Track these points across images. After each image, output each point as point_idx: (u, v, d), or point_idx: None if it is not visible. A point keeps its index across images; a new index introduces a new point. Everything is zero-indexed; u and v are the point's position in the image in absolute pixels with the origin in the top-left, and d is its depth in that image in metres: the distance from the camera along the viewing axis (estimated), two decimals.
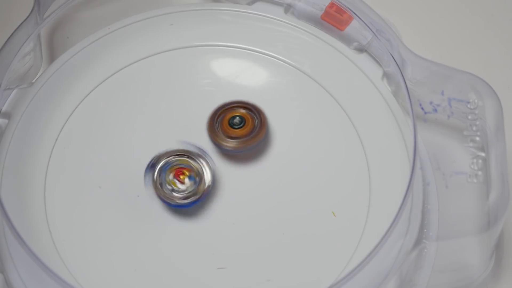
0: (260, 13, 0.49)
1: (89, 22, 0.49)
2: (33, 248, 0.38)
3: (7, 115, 0.45)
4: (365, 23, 0.45)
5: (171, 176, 0.43)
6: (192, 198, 0.43)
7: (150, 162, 0.43)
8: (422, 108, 0.45)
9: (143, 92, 0.46)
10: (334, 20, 0.48)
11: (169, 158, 0.43)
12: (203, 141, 0.45)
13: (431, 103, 0.45)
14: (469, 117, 0.44)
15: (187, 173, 0.43)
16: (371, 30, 0.45)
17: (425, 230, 0.42)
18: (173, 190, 0.43)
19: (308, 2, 0.48)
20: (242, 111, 0.45)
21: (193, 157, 0.44)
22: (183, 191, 0.43)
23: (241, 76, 0.47)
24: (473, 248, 0.41)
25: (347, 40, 0.48)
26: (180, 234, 0.42)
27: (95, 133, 0.45)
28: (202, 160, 0.44)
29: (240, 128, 0.44)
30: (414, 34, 0.50)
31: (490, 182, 0.42)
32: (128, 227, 0.42)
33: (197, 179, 0.43)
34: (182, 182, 0.43)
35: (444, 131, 0.45)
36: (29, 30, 0.44)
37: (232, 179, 0.44)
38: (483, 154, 0.43)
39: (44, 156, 0.44)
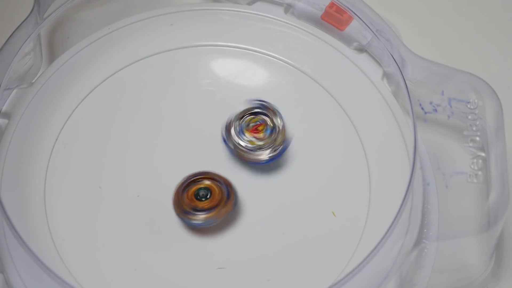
0: (260, 13, 0.49)
1: (89, 22, 0.49)
2: (33, 248, 0.38)
3: (7, 115, 0.45)
4: (365, 23, 0.45)
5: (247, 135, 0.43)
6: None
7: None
8: (422, 108, 0.45)
9: (143, 92, 0.46)
10: (334, 20, 0.48)
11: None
12: (202, 141, 0.45)
13: (431, 103, 0.45)
14: (469, 117, 0.44)
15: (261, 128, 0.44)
16: (371, 30, 0.45)
17: (425, 230, 0.42)
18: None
19: (308, 2, 0.48)
20: (207, 182, 0.43)
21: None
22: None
23: (241, 76, 0.47)
24: (473, 248, 0.41)
25: (347, 40, 0.48)
26: (180, 234, 0.42)
27: (95, 133, 0.45)
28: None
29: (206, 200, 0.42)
30: (414, 34, 0.50)
31: (490, 182, 0.41)
32: (128, 227, 0.42)
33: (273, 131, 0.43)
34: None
35: (444, 131, 0.44)
36: (29, 30, 0.44)
37: (233, 178, 0.44)
38: (483, 154, 0.43)
39: (44, 156, 0.44)
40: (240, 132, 0.43)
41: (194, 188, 0.42)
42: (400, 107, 0.45)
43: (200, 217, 0.41)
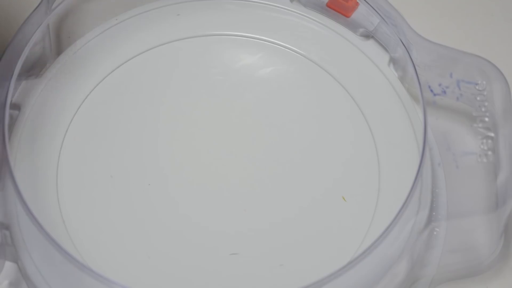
0: (267, 2, 0.49)
1: (97, 13, 0.50)
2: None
3: (17, 106, 0.45)
4: (372, 7, 0.45)
5: None
6: None
7: None
8: (431, 90, 0.45)
9: (152, 82, 0.47)
10: (340, 7, 0.48)
11: None
12: (210, 129, 0.45)
13: (440, 85, 0.45)
14: (478, 98, 0.44)
15: None
16: (379, 14, 0.45)
17: (434, 213, 0.42)
18: None
19: None
20: None
21: None
22: None
23: (249, 65, 0.47)
24: (482, 228, 0.41)
25: (353, 27, 0.48)
26: (192, 221, 0.43)
27: (105, 123, 0.45)
28: None
29: None
30: (420, 18, 0.50)
31: (499, 164, 0.42)
32: (140, 216, 0.43)
33: None
34: None
35: (453, 112, 0.45)
36: (39, 21, 0.44)
37: (243, 165, 0.44)
38: (492, 134, 0.43)
39: (55, 147, 0.44)
40: None
41: None
42: (407, 92, 0.46)
43: None
